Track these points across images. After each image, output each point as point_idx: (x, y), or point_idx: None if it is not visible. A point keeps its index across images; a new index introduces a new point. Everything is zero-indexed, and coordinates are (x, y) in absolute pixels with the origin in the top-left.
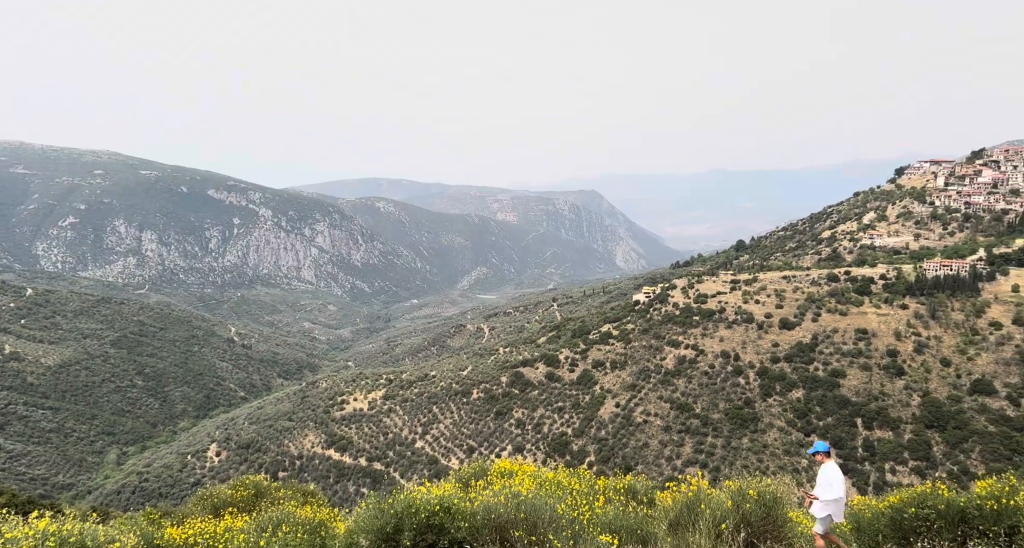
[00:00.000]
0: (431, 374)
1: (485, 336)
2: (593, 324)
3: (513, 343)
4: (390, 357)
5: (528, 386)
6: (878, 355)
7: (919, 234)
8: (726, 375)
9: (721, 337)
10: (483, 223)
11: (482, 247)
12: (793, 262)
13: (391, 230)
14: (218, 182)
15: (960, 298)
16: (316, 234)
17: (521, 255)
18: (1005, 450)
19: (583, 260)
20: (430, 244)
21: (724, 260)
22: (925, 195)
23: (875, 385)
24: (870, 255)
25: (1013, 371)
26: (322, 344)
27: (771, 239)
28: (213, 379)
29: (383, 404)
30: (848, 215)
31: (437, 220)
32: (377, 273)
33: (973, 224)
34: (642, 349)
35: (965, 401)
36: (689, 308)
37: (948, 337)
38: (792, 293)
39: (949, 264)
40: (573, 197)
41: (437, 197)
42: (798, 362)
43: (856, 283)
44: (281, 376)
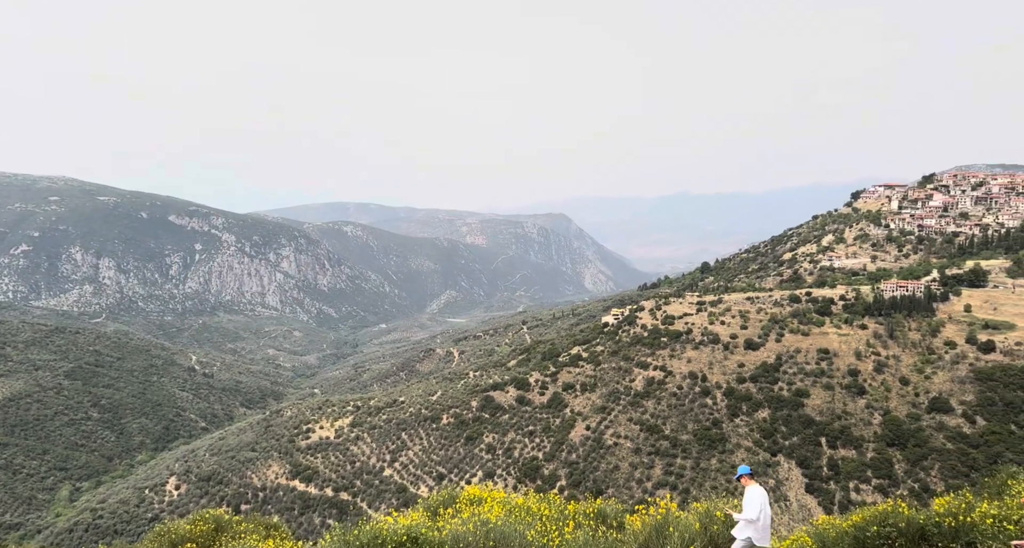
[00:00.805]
0: (400, 400)
1: (455, 360)
2: (563, 346)
3: (483, 367)
4: (358, 383)
5: (498, 410)
6: (840, 375)
7: (876, 256)
8: (694, 396)
9: (689, 358)
10: (452, 246)
11: (451, 270)
12: (756, 283)
13: (358, 254)
14: (179, 207)
15: (916, 318)
16: (281, 259)
17: (490, 278)
18: (963, 467)
19: (552, 282)
20: (398, 268)
21: (690, 282)
22: (880, 218)
23: (838, 404)
24: (830, 276)
25: (968, 389)
26: (287, 371)
27: (735, 261)
28: (173, 410)
29: (350, 432)
30: (808, 237)
31: (405, 244)
32: (344, 298)
33: (926, 246)
34: (612, 371)
35: (924, 419)
36: (657, 330)
37: (906, 356)
38: (756, 314)
39: (905, 285)
40: (542, 220)
41: (405, 221)
42: (763, 382)
43: (817, 304)
44: (244, 405)
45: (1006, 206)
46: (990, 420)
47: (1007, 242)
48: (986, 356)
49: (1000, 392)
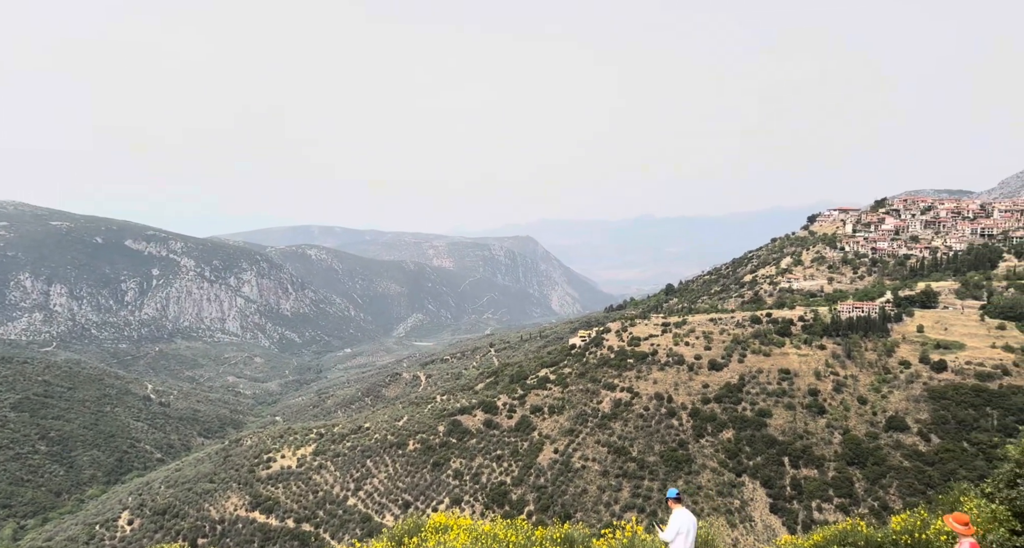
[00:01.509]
0: (365, 426)
1: (422, 384)
2: (531, 369)
3: (450, 390)
4: (321, 410)
5: (466, 434)
6: (801, 394)
7: (832, 277)
8: (660, 417)
9: (655, 379)
10: (419, 269)
11: (418, 293)
12: (719, 305)
13: (323, 278)
14: (136, 232)
15: (872, 338)
16: (242, 284)
17: (458, 301)
18: (919, 484)
19: (520, 305)
20: (364, 291)
21: (655, 303)
22: (836, 241)
23: (799, 424)
24: (789, 298)
25: (923, 407)
26: (248, 399)
27: (698, 283)
28: (126, 441)
29: (313, 460)
30: (767, 260)
31: (371, 267)
32: (308, 322)
33: (880, 268)
34: (579, 393)
35: (882, 438)
36: (624, 351)
37: (863, 376)
38: (719, 335)
39: (861, 306)
40: (509, 243)
41: (371, 244)
42: (727, 402)
43: (777, 325)
44: (202, 435)
45: (953, 230)
46: (944, 438)
47: (955, 264)
48: (939, 375)
49: (952, 410)
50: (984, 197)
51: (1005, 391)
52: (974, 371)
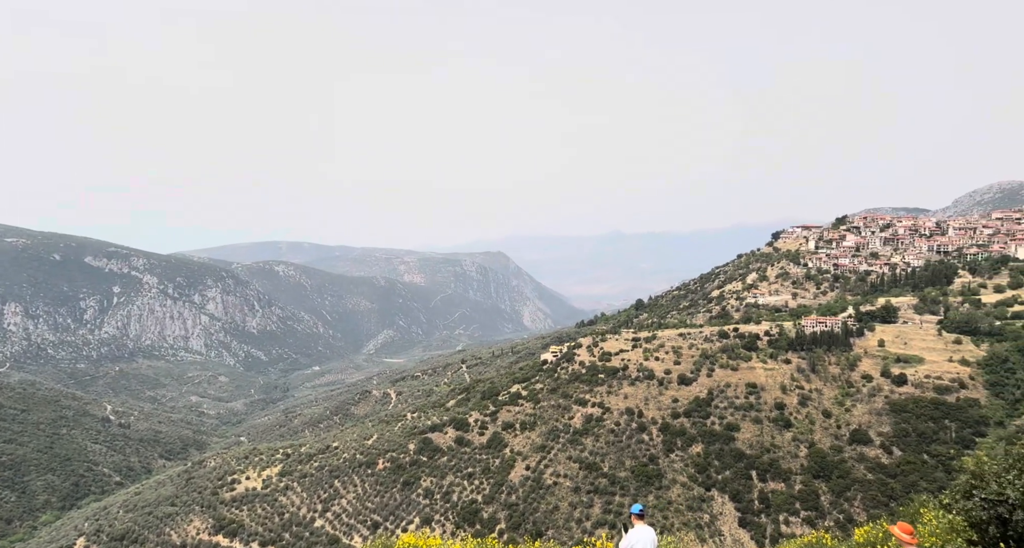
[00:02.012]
0: (333, 445)
1: (392, 402)
2: (502, 385)
3: (421, 408)
4: (288, 429)
5: (437, 452)
6: (767, 408)
7: (796, 293)
8: (631, 432)
9: (625, 394)
10: (390, 285)
11: (389, 310)
12: (688, 320)
13: (291, 294)
14: (96, 249)
15: (835, 352)
16: (207, 301)
17: (429, 317)
18: (882, 497)
19: (491, 321)
20: (333, 308)
21: (625, 318)
22: (799, 257)
23: (766, 438)
24: (755, 313)
25: (884, 421)
26: (212, 419)
27: (667, 298)
28: (84, 464)
29: (279, 481)
30: (734, 275)
31: (341, 283)
32: (275, 340)
33: (842, 284)
34: (551, 409)
35: (846, 451)
36: (595, 366)
37: (828, 390)
38: (688, 350)
39: (824, 321)
40: (480, 258)
41: (341, 259)
42: (696, 417)
43: (744, 339)
44: (164, 456)
45: (911, 247)
46: (905, 450)
47: (913, 280)
48: (900, 388)
49: (913, 423)
50: (939, 215)
51: (962, 404)
52: (933, 384)
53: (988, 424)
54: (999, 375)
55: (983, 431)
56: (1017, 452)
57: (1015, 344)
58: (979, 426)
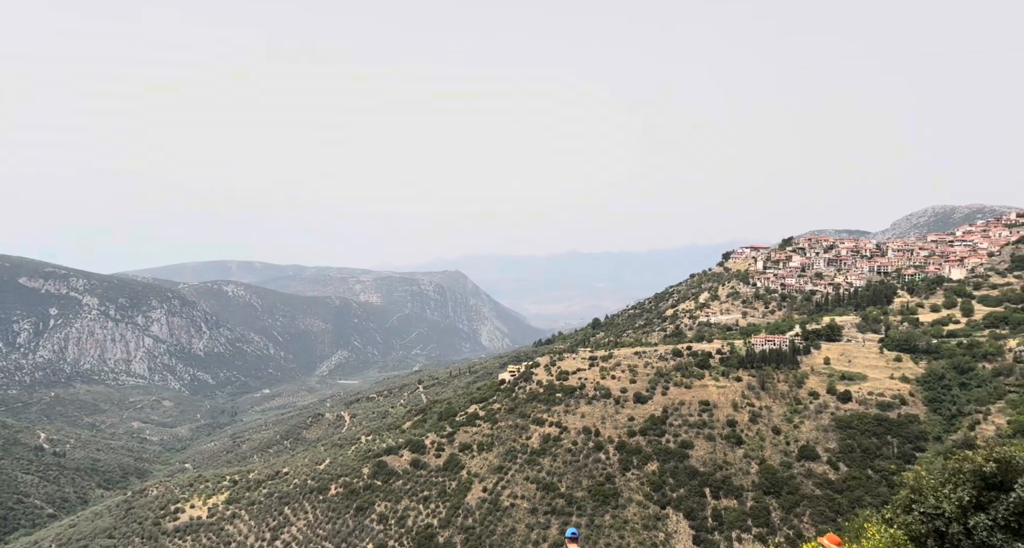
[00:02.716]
0: (283, 471)
1: (346, 424)
2: (460, 405)
3: (376, 430)
4: (236, 455)
5: (392, 476)
6: (720, 425)
7: (746, 312)
8: (588, 451)
9: (582, 413)
10: (345, 305)
11: (343, 330)
12: (643, 338)
13: (241, 315)
14: (32, 269)
15: (784, 370)
16: (151, 322)
17: (385, 337)
18: (830, 512)
19: (449, 340)
20: (285, 329)
21: (583, 337)
22: (749, 277)
23: (719, 455)
24: (707, 331)
25: (831, 437)
26: (154, 445)
27: (623, 317)
28: (13, 496)
29: (226, 509)
30: (687, 295)
31: (294, 303)
32: (223, 362)
33: (789, 303)
34: (508, 429)
35: (795, 467)
36: (552, 385)
37: (777, 406)
38: (644, 368)
39: (773, 339)
40: (438, 277)
41: (294, 279)
42: (652, 435)
43: (697, 357)
44: (102, 486)
45: (853, 267)
46: (851, 466)
47: (856, 300)
48: (844, 405)
49: (858, 439)
50: (879, 237)
51: (903, 420)
52: (876, 401)
53: (927, 439)
54: (936, 392)
55: (922, 446)
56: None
57: (950, 361)
58: (919, 441)
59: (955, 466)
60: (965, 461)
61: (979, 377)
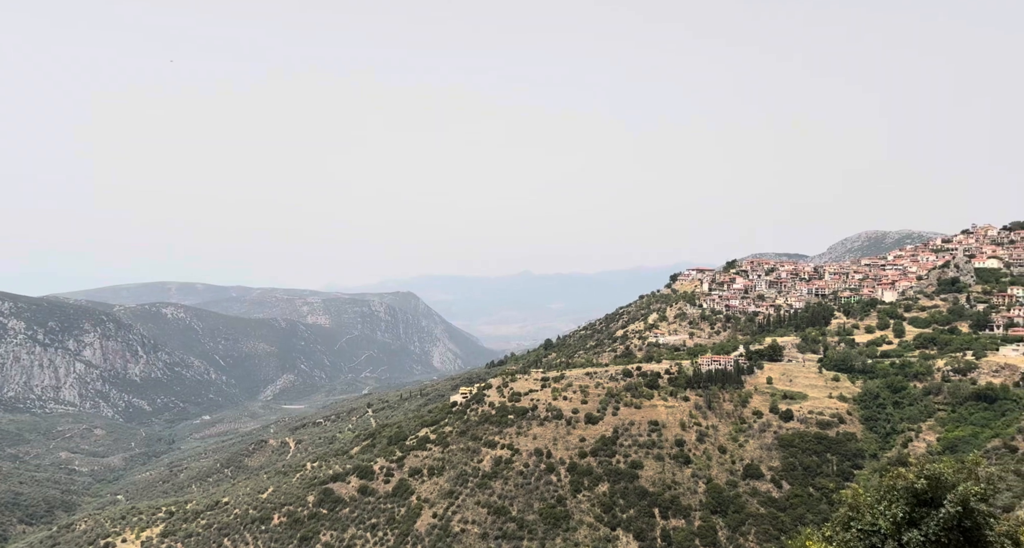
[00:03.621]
0: (223, 501)
1: (291, 451)
2: (410, 429)
3: (323, 456)
4: (173, 485)
5: (338, 503)
6: (668, 445)
7: (693, 332)
8: (540, 473)
9: (534, 435)
10: (291, 327)
11: (289, 353)
12: (594, 359)
13: (180, 339)
14: None
15: (729, 390)
16: (84, 347)
17: (334, 360)
18: (774, 530)
19: (400, 362)
20: (228, 352)
21: (535, 358)
22: (695, 298)
23: (668, 475)
24: (656, 352)
25: (774, 455)
26: (84, 477)
27: (575, 338)
28: None
29: (161, 543)
30: (636, 316)
31: (237, 325)
32: (160, 388)
33: (733, 324)
34: (460, 452)
35: (740, 486)
36: (505, 407)
37: (723, 426)
38: (595, 389)
39: (718, 359)
40: (389, 298)
41: (238, 301)
42: (602, 456)
43: (647, 378)
44: (25, 521)
45: (793, 289)
46: (793, 484)
47: (796, 321)
48: (787, 424)
49: (800, 457)
50: (816, 260)
51: (842, 437)
52: (816, 420)
53: (864, 456)
54: (872, 410)
55: (860, 463)
56: (887, 484)
57: (884, 381)
58: (856, 459)
59: (889, 483)
60: (898, 478)
61: (911, 396)
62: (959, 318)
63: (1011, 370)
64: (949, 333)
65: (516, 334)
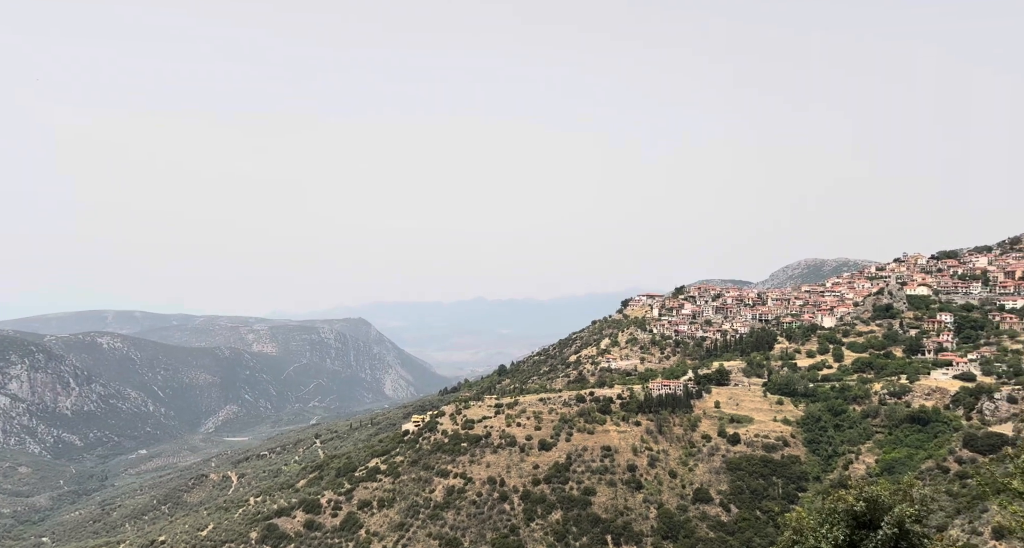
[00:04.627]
0: (159, 540)
1: (233, 485)
2: (360, 459)
3: (267, 490)
4: (104, 524)
5: (283, 539)
6: (621, 471)
7: (644, 357)
8: (493, 502)
9: (488, 463)
10: (235, 356)
11: (233, 383)
12: (548, 385)
13: (117, 369)
14: None
15: (679, 414)
16: (9, 380)
17: (280, 389)
18: None
19: (350, 391)
20: (167, 383)
21: (489, 385)
22: (646, 324)
23: (620, 500)
24: (608, 377)
25: (723, 479)
26: (5, 518)
27: (528, 363)
28: None
29: None
30: (589, 341)
31: (178, 355)
32: (94, 421)
33: (682, 349)
34: (411, 482)
35: (690, 510)
36: (458, 435)
37: (673, 450)
38: (548, 415)
39: (668, 384)
40: (340, 325)
41: (179, 330)
42: (556, 482)
43: (599, 403)
44: None
45: (738, 315)
46: (741, 507)
47: (741, 346)
48: (734, 448)
49: (747, 480)
50: (759, 287)
51: (786, 460)
52: (761, 443)
53: (808, 479)
54: (815, 433)
55: (804, 486)
56: (828, 507)
57: (826, 404)
58: (801, 481)
59: (831, 506)
60: (839, 501)
61: (850, 419)
62: (893, 343)
63: (941, 393)
64: (884, 357)
65: (470, 360)
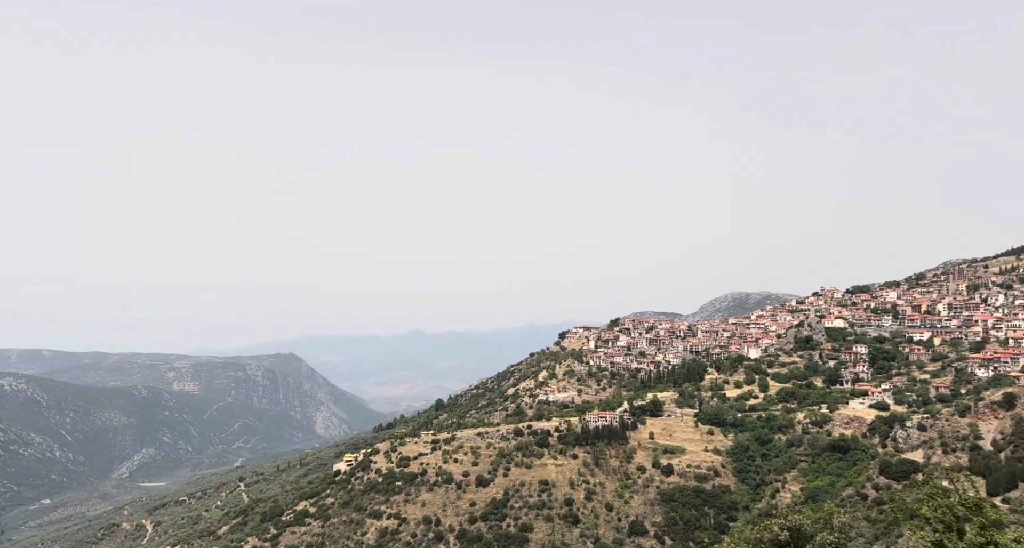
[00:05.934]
0: None
1: (148, 535)
2: (287, 503)
3: (185, 539)
4: None
5: None
6: (558, 505)
7: (581, 389)
8: (428, 543)
9: (423, 501)
10: (154, 396)
11: (150, 424)
12: (486, 418)
13: (19, 413)
14: None
15: (615, 446)
16: None
17: (202, 430)
18: None
19: (279, 430)
20: (77, 426)
21: (426, 420)
22: (583, 356)
23: (557, 536)
24: (546, 409)
25: (657, 510)
26: None
27: (466, 397)
28: None
29: None
30: (527, 373)
31: (89, 396)
32: None
33: (618, 380)
34: (342, 525)
35: (626, 543)
36: (392, 473)
37: (609, 482)
38: (486, 449)
39: (605, 416)
40: (268, 361)
41: (93, 369)
42: (493, 520)
43: (537, 436)
44: None
45: (670, 347)
46: (675, 539)
47: (674, 377)
48: (668, 479)
49: (680, 512)
50: (690, 319)
51: (717, 490)
52: (694, 473)
53: (738, 509)
54: (743, 462)
55: (734, 515)
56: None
57: (753, 434)
58: (731, 511)
59: (757, 536)
60: (765, 531)
61: (776, 448)
62: (814, 373)
63: (859, 422)
64: (806, 387)
65: (407, 395)
